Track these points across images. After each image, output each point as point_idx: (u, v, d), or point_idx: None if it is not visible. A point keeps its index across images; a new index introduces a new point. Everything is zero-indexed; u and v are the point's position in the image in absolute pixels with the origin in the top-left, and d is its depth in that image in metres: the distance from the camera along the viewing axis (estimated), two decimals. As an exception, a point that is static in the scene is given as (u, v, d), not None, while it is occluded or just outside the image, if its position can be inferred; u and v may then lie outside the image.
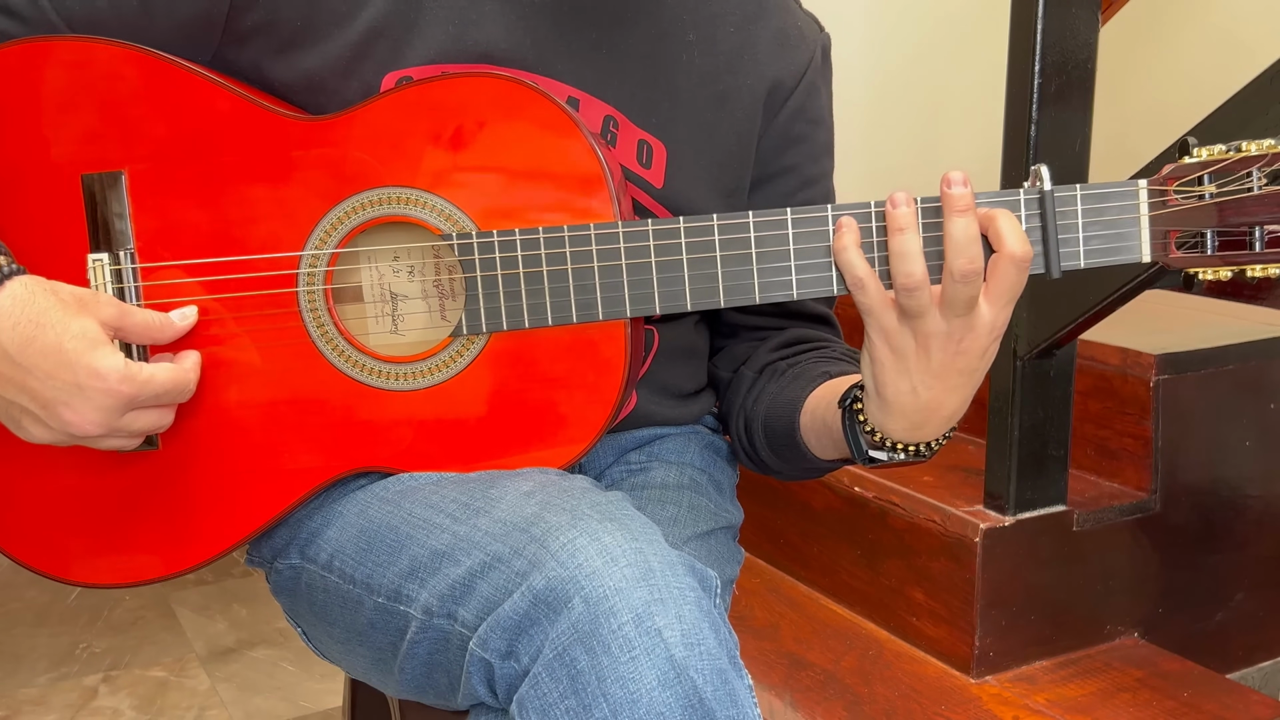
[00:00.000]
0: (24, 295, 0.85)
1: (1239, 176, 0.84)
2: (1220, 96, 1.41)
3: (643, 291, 0.90)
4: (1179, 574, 1.87)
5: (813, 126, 1.11)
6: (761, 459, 1.10)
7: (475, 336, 0.93)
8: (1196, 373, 1.83)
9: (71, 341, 0.85)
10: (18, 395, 0.86)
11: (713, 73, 1.04)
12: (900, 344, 0.86)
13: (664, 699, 0.76)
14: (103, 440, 0.89)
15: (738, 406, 1.12)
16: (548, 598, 0.79)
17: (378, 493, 0.96)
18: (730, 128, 1.06)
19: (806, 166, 1.11)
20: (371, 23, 0.95)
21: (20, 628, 2.32)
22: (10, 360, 0.84)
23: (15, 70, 0.92)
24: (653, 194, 1.03)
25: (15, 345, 0.84)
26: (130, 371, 0.86)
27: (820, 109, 1.12)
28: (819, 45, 1.11)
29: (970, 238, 0.83)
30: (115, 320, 0.88)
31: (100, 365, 0.85)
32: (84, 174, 0.93)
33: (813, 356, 1.09)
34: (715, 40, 1.05)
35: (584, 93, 1.00)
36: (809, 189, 1.12)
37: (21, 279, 0.86)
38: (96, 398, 0.85)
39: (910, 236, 0.84)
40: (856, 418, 0.92)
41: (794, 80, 1.08)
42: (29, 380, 0.85)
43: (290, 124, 0.93)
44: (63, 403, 0.85)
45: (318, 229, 0.93)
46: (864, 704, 1.66)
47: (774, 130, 1.09)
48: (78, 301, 0.87)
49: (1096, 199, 0.86)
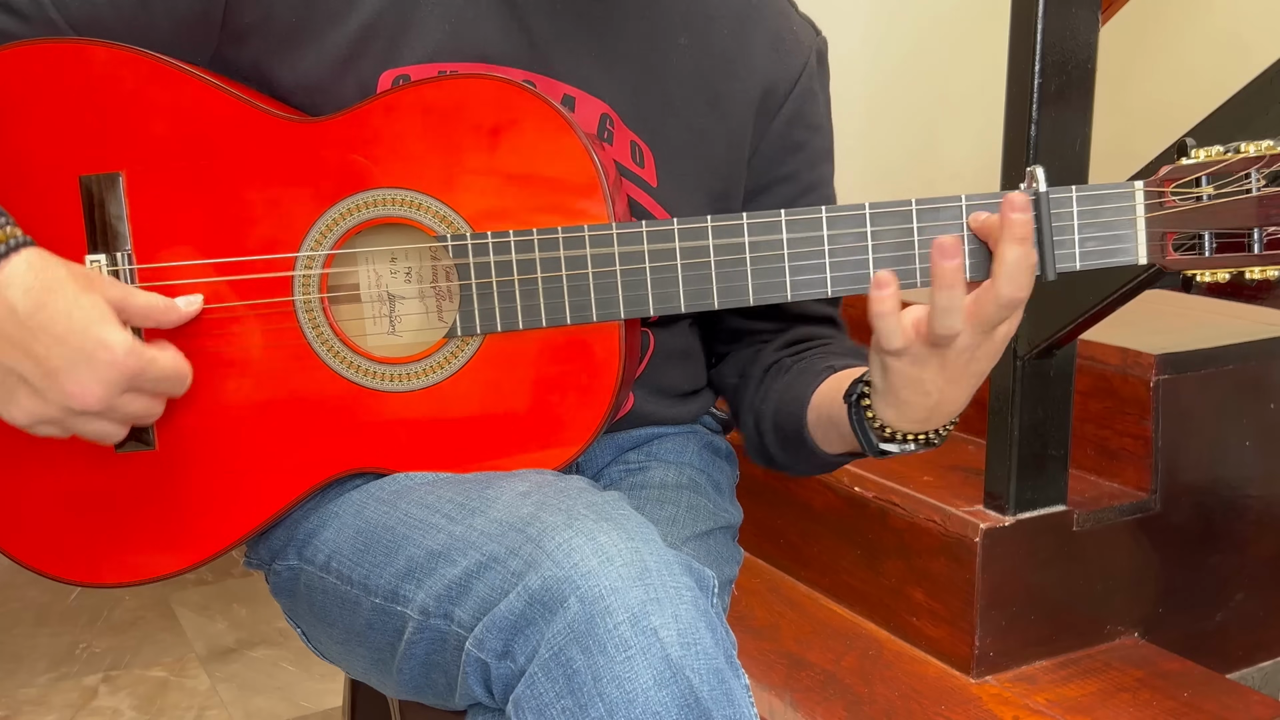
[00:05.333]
0: (38, 262, 0.85)
1: (1238, 178, 0.83)
2: (1220, 96, 1.41)
3: (636, 293, 0.90)
4: (1179, 574, 1.87)
5: (810, 133, 1.10)
6: (773, 456, 1.10)
7: (470, 338, 0.93)
8: (1196, 373, 1.82)
9: (81, 311, 0.85)
10: (20, 361, 0.85)
11: (706, 76, 1.04)
12: (920, 359, 0.86)
13: (660, 699, 0.76)
14: (93, 421, 0.88)
15: (746, 405, 1.11)
16: (543, 598, 0.79)
17: (374, 493, 0.96)
18: (722, 133, 1.05)
19: (804, 173, 1.11)
20: (367, 20, 0.95)
21: (20, 628, 2.32)
22: (19, 323, 0.84)
23: (14, 72, 0.92)
24: (650, 192, 1.03)
25: (26, 309, 0.84)
26: (137, 347, 0.87)
27: (817, 114, 1.11)
28: (814, 50, 1.10)
29: (1026, 267, 0.82)
30: (119, 300, 0.88)
31: (109, 337, 0.85)
32: (82, 175, 0.93)
33: (817, 352, 1.09)
34: (709, 44, 1.04)
35: (581, 90, 1.00)
36: (808, 195, 1.11)
37: (34, 248, 0.86)
38: (101, 369, 0.85)
39: (958, 294, 0.83)
40: (864, 414, 0.92)
41: (788, 85, 1.08)
42: (35, 345, 0.84)
43: (287, 126, 0.93)
44: (66, 371, 0.84)
45: (313, 230, 0.94)
46: (864, 704, 1.66)
47: (770, 137, 1.08)
48: (86, 278, 0.87)
49: (1092, 200, 0.86)
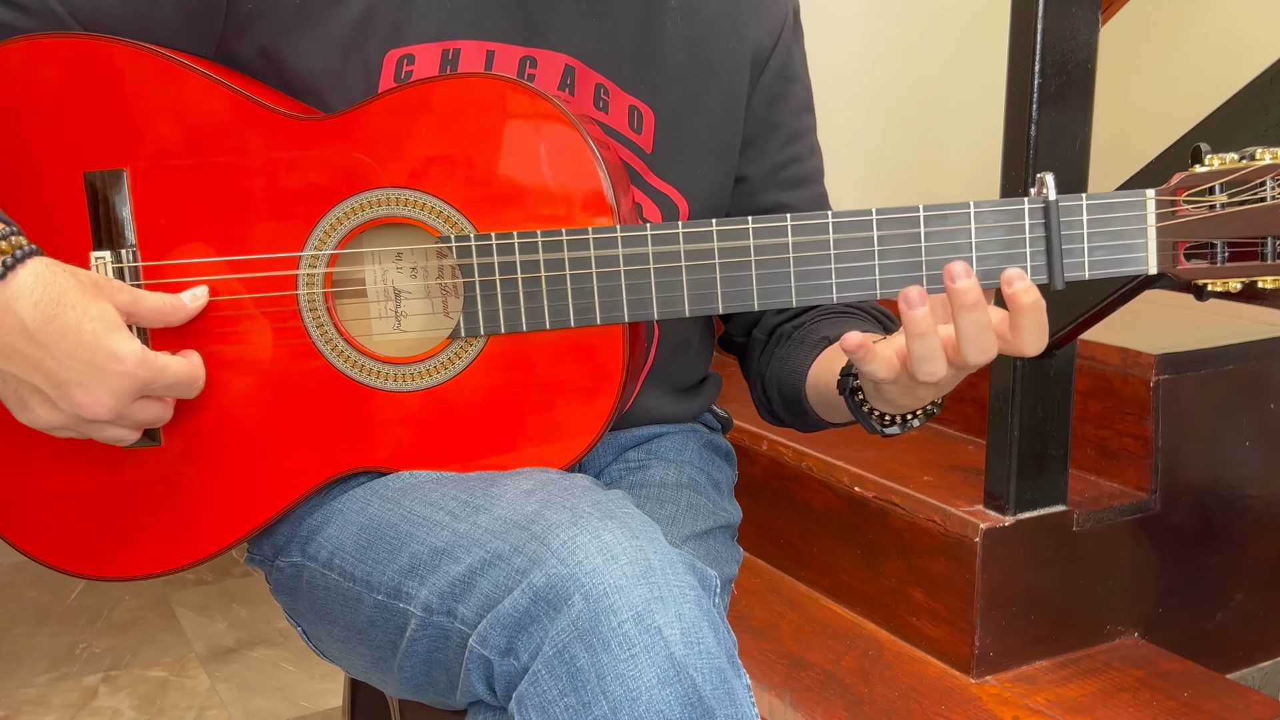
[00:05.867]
0: (45, 274, 0.85)
1: (1252, 186, 0.82)
2: (1220, 96, 1.41)
3: (640, 297, 0.90)
4: (1179, 574, 1.87)
5: (790, 83, 1.15)
6: (780, 418, 1.15)
7: (473, 338, 0.93)
8: (1196, 373, 1.82)
9: (91, 323, 0.85)
10: (31, 374, 0.85)
11: (697, 39, 1.07)
12: (908, 386, 0.88)
13: (663, 697, 0.76)
14: (106, 428, 0.89)
15: (752, 370, 1.16)
16: (548, 595, 0.79)
17: (378, 490, 0.96)
18: (718, 91, 1.08)
19: (790, 121, 1.15)
20: (369, 2, 0.96)
21: (20, 628, 2.32)
22: (29, 337, 0.84)
23: (18, 68, 0.92)
24: (644, 158, 1.05)
25: (36, 322, 0.84)
26: (148, 357, 0.87)
27: (796, 66, 1.16)
28: (790, 7, 1.16)
29: (982, 328, 0.83)
30: (128, 306, 0.89)
31: (119, 348, 0.86)
32: (86, 171, 0.93)
33: (817, 315, 1.12)
34: (697, 7, 1.08)
35: (579, 62, 1.02)
36: (795, 143, 1.15)
37: (41, 258, 0.86)
38: (112, 380, 0.86)
39: (931, 341, 0.84)
40: (860, 407, 0.96)
41: (772, 42, 1.13)
42: (45, 359, 0.85)
43: (292, 123, 0.93)
44: (77, 383, 0.85)
45: (317, 229, 0.94)
46: (864, 704, 1.66)
47: (759, 91, 1.12)
48: (94, 285, 0.87)
49: (1103, 209, 0.85)
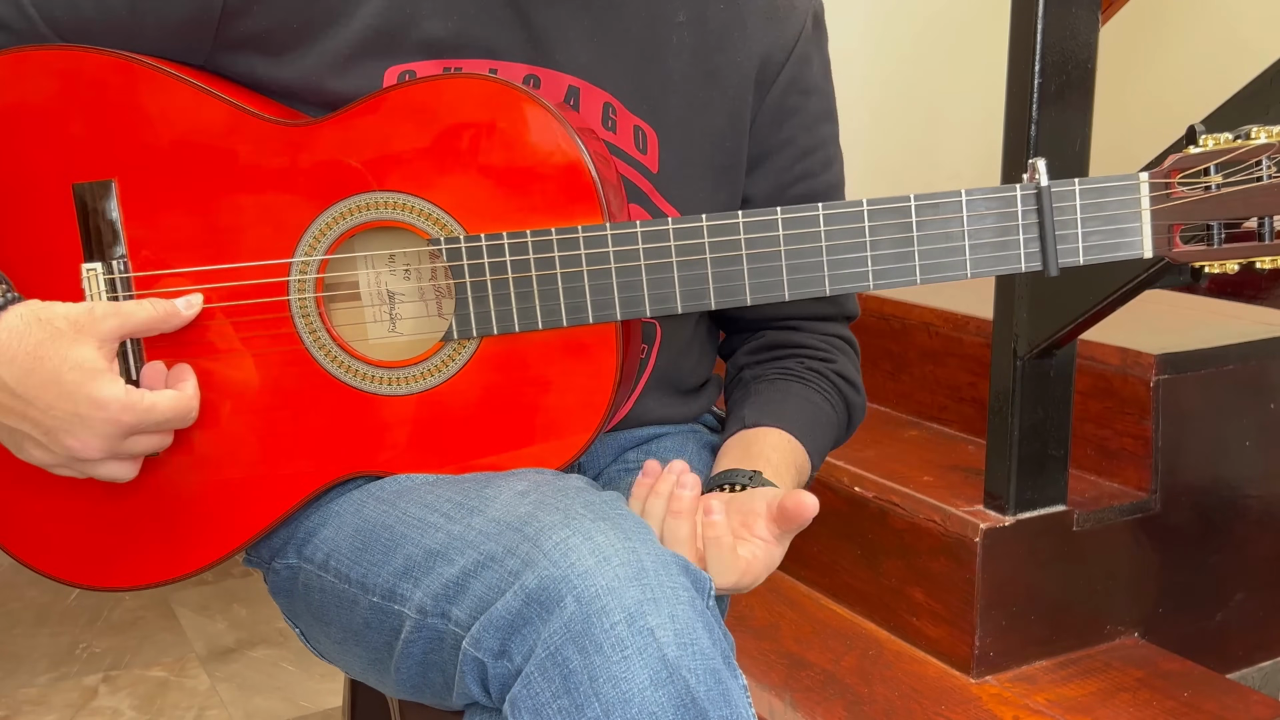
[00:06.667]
0: (20, 327, 0.86)
1: (1248, 166, 0.81)
2: (1221, 97, 1.41)
3: (632, 294, 0.90)
4: (1179, 574, 1.87)
5: (805, 97, 1.10)
6: None
7: (467, 340, 0.93)
8: (1196, 373, 1.82)
9: (70, 373, 0.85)
10: (20, 423, 0.87)
11: (703, 50, 1.04)
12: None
13: (656, 699, 0.76)
14: (101, 466, 0.90)
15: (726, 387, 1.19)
16: (540, 597, 0.79)
17: (374, 492, 0.96)
18: (721, 105, 1.06)
19: (802, 137, 1.10)
20: (371, 19, 0.95)
21: (20, 628, 2.32)
22: (10, 393, 0.86)
23: (4, 80, 0.92)
24: (649, 178, 1.03)
25: (14, 378, 0.85)
26: (131, 400, 0.88)
27: (813, 78, 1.11)
28: (809, 13, 1.10)
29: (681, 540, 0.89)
30: (117, 331, 0.89)
31: (101, 395, 0.86)
32: (75, 183, 0.93)
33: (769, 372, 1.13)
34: (706, 18, 1.04)
35: (584, 81, 1.00)
36: (808, 159, 1.11)
37: (16, 309, 0.86)
38: (98, 426, 0.87)
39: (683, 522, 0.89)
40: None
41: (784, 54, 1.07)
42: (30, 410, 0.86)
43: (279, 129, 0.93)
44: (65, 430, 0.87)
45: (307, 234, 0.93)
46: (864, 704, 1.66)
47: (767, 106, 1.08)
48: (74, 327, 0.87)
49: (1095, 194, 0.85)
